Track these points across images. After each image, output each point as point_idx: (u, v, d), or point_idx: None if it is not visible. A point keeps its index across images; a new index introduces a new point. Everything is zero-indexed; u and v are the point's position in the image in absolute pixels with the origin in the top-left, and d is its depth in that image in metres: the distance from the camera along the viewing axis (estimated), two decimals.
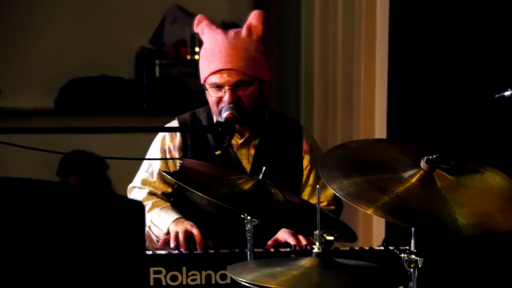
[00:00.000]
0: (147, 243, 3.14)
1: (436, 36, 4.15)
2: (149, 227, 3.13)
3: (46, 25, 6.22)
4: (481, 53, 4.05)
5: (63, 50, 6.23)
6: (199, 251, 2.92)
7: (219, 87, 3.10)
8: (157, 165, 3.23)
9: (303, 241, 3.00)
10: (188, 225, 3.02)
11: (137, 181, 3.26)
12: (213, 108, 3.14)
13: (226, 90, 3.08)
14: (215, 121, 3.17)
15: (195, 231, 2.98)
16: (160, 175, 3.21)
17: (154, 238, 3.12)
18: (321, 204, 3.20)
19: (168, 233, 3.06)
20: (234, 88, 3.09)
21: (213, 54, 3.10)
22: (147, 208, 3.14)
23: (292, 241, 3.00)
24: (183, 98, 5.92)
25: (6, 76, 6.18)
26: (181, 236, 2.96)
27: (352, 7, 4.76)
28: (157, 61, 6.15)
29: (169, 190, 3.23)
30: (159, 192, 3.22)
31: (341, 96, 4.93)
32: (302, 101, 5.75)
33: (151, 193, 3.21)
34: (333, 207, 3.28)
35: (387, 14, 4.34)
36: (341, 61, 4.93)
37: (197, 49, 6.14)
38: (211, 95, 3.12)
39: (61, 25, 6.24)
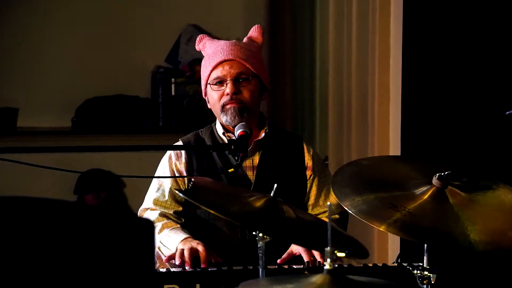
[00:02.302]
0: (157, 264, 3.15)
1: (450, 52, 4.15)
2: (159, 248, 3.15)
3: (63, 45, 6.26)
4: (493, 73, 4.05)
5: (79, 69, 6.26)
6: (202, 266, 2.94)
7: (221, 82, 3.18)
8: (167, 184, 3.25)
9: (318, 257, 3.01)
10: (194, 243, 3.04)
11: (148, 202, 3.28)
12: (215, 107, 3.21)
13: (228, 81, 3.17)
14: (220, 134, 3.22)
15: (200, 248, 3.00)
16: (171, 194, 3.23)
17: (164, 258, 3.14)
18: (325, 214, 3.23)
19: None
20: (236, 81, 3.17)
21: (215, 52, 3.22)
22: (157, 230, 3.16)
23: (305, 257, 3.01)
24: (198, 116, 5.94)
25: (23, 96, 6.21)
26: (186, 253, 2.98)
27: (366, 24, 4.76)
28: (173, 80, 6.17)
29: (180, 208, 3.25)
30: (171, 212, 3.24)
31: (356, 113, 4.93)
32: (317, 119, 5.75)
33: (162, 215, 3.23)
34: (337, 216, 3.28)
35: (401, 31, 4.34)
36: (355, 78, 4.93)
37: None
38: (213, 91, 3.20)
39: (77, 45, 6.28)
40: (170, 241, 3.12)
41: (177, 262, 2.98)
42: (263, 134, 3.25)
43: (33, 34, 6.24)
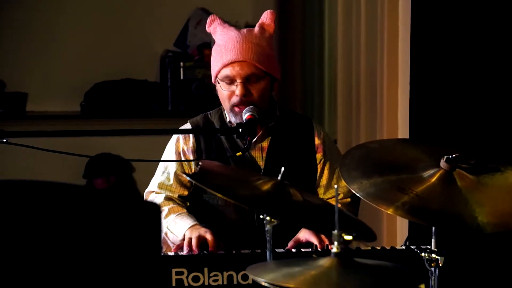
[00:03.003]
0: (163, 250, 3.15)
1: (458, 36, 4.13)
2: (165, 234, 3.14)
3: (72, 30, 6.26)
4: (501, 52, 4.03)
5: (88, 54, 6.26)
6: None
7: (231, 81, 3.12)
8: (173, 168, 3.24)
9: (326, 241, 3.00)
10: (202, 230, 3.03)
11: (153, 185, 3.28)
12: (225, 104, 3.17)
13: (238, 83, 3.11)
14: (227, 120, 3.20)
15: (208, 236, 2.99)
16: (176, 178, 3.23)
17: (171, 244, 3.13)
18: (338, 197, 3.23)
19: (183, 239, 3.07)
20: (246, 81, 3.11)
21: (226, 47, 3.13)
22: (163, 214, 3.16)
23: (314, 241, 3.01)
24: (207, 100, 5.94)
25: (32, 80, 6.22)
26: (194, 241, 2.98)
27: (375, 9, 4.74)
28: (181, 64, 6.17)
29: (186, 193, 3.24)
30: (176, 196, 3.23)
31: (364, 97, 4.92)
32: (325, 102, 5.74)
33: (167, 198, 3.22)
34: (348, 199, 3.28)
35: (409, 15, 4.32)
36: (364, 62, 4.91)
37: None
38: (223, 89, 3.14)
39: (86, 29, 6.28)
40: (177, 228, 3.11)
41: (185, 251, 2.98)
42: (273, 122, 3.23)
43: (42, 19, 6.24)
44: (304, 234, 3.06)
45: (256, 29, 3.19)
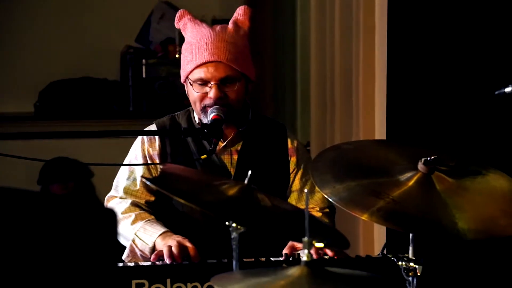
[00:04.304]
0: (129, 258, 3.12)
1: (435, 34, 4.16)
2: (133, 241, 3.10)
3: (26, 25, 6.22)
4: (481, 51, 4.06)
5: (43, 50, 6.23)
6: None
7: (204, 83, 3.09)
8: (139, 172, 3.22)
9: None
10: (178, 237, 3.00)
11: (117, 190, 3.25)
12: (196, 106, 3.14)
13: (212, 85, 3.08)
14: (197, 122, 3.19)
15: (188, 244, 2.96)
16: (143, 183, 3.20)
17: (138, 253, 3.09)
18: (314, 209, 3.23)
19: (154, 247, 3.04)
20: (220, 83, 3.08)
21: (199, 46, 3.09)
22: (130, 220, 3.12)
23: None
24: (171, 100, 5.93)
25: None
26: (175, 250, 2.93)
27: (350, 5, 4.75)
28: (143, 61, 6.14)
29: (152, 198, 3.22)
30: (142, 201, 3.21)
31: (339, 96, 4.93)
32: (298, 102, 5.75)
33: (134, 204, 3.19)
34: (327, 210, 3.28)
35: (386, 11, 4.33)
36: (339, 60, 4.92)
37: None
38: (195, 91, 3.11)
39: (40, 24, 6.24)
40: (146, 235, 3.07)
41: (168, 261, 2.92)
42: (245, 127, 3.22)
43: None
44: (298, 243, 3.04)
45: (230, 26, 3.16)
